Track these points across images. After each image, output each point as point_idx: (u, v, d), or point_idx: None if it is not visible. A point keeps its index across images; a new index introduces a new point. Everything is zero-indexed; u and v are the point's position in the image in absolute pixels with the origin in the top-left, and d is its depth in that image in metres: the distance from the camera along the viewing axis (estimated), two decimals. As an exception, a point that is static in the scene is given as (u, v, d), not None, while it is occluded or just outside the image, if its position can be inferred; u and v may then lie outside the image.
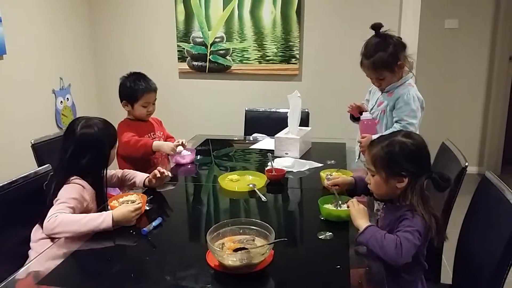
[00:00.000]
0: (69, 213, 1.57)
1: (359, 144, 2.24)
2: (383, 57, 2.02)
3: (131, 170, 2.06)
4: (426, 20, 3.87)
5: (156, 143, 2.38)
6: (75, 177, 1.71)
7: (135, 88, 2.43)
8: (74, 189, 1.67)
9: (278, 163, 2.26)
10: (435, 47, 4.36)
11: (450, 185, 1.50)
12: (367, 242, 1.37)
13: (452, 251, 1.78)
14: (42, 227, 1.62)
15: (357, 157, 2.36)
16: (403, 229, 1.36)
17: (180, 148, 2.35)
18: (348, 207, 1.53)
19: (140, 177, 2.01)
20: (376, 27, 2.05)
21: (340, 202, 1.65)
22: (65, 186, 1.67)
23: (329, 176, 1.89)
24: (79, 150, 1.73)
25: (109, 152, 1.83)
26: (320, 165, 2.29)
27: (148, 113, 2.52)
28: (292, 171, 2.22)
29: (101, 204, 1.79)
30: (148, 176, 1.97)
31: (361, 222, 1.43)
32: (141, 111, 2.48)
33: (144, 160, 2.44)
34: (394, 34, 2.08)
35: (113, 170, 2.05)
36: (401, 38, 2.09)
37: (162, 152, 2.42)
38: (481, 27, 4.31)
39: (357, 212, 1.47)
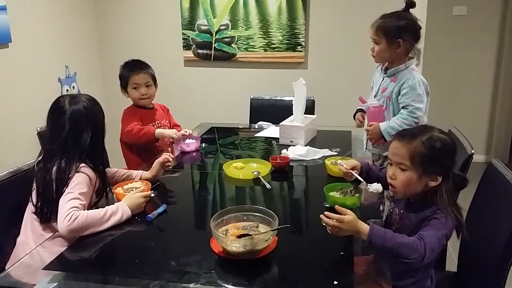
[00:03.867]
0: (83, 210, 1.49)
1: (366, 132, 2.21)
2: (390, 24, 2.04)
3: (122, 170, 1.97)
4: (434, 7, 3.81)
5: (159, 131, 2.40)
6: (83, 164, 1.61)
7: (124, 74, 2.46)
8: (84, 181, 1.58)
9: (292, 151, 2.24)
10: (443, 34, 4.31)
11: (467, 185, 1.45)
12: (381, 247, 1.27)
13: (457, 239, 1.76)
14: (38, 217, 1.58)
15: (365, 147, 2.33)
16: (431, 231, 1.29)
17: (181, 133, 2.41)
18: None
19: (135, 174, 1.93)
20: (408, 3, 2.06)
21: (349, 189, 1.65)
22: (76, 176, 1.57)
23: (341, 162, 1.73)
24: (76, 128, 1.62)
25: (104, 126, 1.73)
26: (334, 153, 2.28)
27: (143, 97, 2.46)
28: (305, 159, 2.21)
29: (103, 191, 1.70)
30: (143, 172, 1.92)
31: (359, 232, 1.30)
32: (133, 94, 2.46)
33: (147, 147, 2.45)
34: (419, 21, 2.07)
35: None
36: (420, 28, 2.07)
37: (165, 138, 2.43)
38: (489, 14, 4.25)
39: (348, 226, 1.31)
